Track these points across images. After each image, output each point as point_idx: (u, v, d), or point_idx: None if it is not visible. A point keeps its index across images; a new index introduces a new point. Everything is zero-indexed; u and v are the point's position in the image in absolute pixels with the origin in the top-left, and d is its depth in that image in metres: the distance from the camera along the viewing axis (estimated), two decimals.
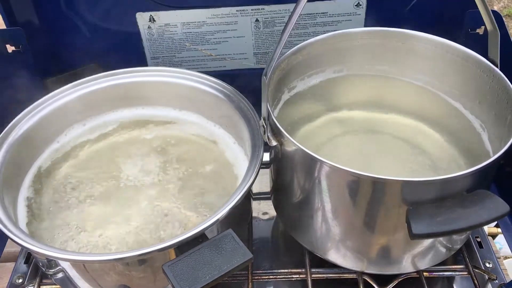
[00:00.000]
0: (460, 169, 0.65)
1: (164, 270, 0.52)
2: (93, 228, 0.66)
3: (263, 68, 0.58)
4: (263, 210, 0.82)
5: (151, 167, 0.74)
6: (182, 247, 0.55)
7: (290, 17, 0.55)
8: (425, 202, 0.53)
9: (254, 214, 0.80)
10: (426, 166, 0.66)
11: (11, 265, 0.76)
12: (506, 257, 1.18)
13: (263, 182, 0.81)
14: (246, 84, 0.76)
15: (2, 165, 0.66)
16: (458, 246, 0.66)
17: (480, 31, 0.79)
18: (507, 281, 0.69)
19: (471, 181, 0.53)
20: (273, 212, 0.81)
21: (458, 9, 0.79)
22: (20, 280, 0.72)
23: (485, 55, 0.65)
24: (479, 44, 0.67)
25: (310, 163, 0.57)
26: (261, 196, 0.83)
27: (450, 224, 0.50)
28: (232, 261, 0.53)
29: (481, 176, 0.54)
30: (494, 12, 0.63)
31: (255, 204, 0.82)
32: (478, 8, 0.61)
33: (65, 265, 0.60)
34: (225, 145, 0.76)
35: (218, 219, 0.57)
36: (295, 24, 0.55)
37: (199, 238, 0.56)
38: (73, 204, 0.69)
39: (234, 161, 0.74)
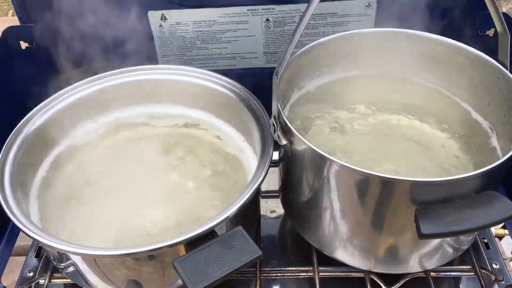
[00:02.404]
0: (468, 170, 0.65)
1: (175, 266, 0.53)
2: (104, 223, 0.67)
3: (273, 67, 0.59)
4: (271, 208, 0.83)
5: (161, 163, 0.75)
6: (192, 243, 0.55)
7: (302, 17, 0.55)
8: (434, 202, 0.53)
9: (262, 212, 0.80)
10: (434, 167, 0.66)
11: (21, 259, 0.77)
12: None
13: (271, 181, 0.81)
14: (255, 83, 0.76)
15: (15, 159, 0.67)
16: (466, 247, 0.67)
17: (490, 33, 0.79)
18: None
19: (480, 182, 0.54)
20: (280, 210, 0.81)
21: (468, 11, 0.79)
22: (31, 274, 0.73)
23: (495, 57, 0.65)
24: (489, 46, 0.67)
25: (320, 162, 0.58)
26: (268, 194, 0.83)
27: (458, 224, 0.50)
28: (241, 258, 0.53)
29: (490, 178, 0.54)
30: (504, 14, 0.64)
31: (262, 202, 0.83)
32: (488, 10, 0.61)
33: (76, 259, 0.61)
34: (234, 143, 0.77)
35: (228, 216, 0.57)
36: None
37: (209, 235, 0.56)
38: (85, 199, 0.70)
39: (243, 159, 0.75)
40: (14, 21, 0.82)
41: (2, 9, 2.44)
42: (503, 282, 0.70)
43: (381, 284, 0.67)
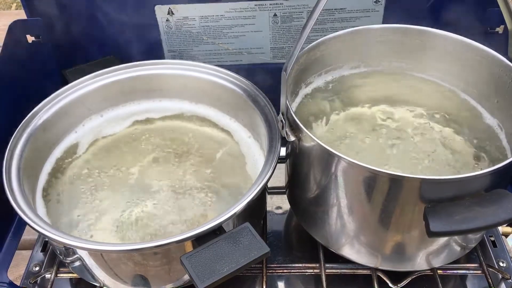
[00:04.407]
0: (476, 167, 0.65)
1: (182, 262, 0.53)
2: (109, 217, 0.67)
3: (280, 63, 0.59)
4: (276, 204, 0.83)
5: (166, 158, 0.75)
6: (200, 239, 0.55)
7: (312, 12, 0.55)
8: (443, 200, 0.53)
9: (267, 208, 0.80)
10: (442, 164, 0.66)
11: (27, 253, 0.77)
12: None
13: (276, 177, 0.81)
14: (262, 79, 0.76)
15: (22, 154, 0.66)
16: (473, 245, 0.66)
17: (500, 29, 0.79)
18: None
19: (490, 181, 0.53)
20: (286, 206, 0.81)
21: (477, 7, 0.79)
22: (37, 268, 0.73)
23: (504, 54, 0.64)
24: (499, 43, 0.67)
25: (328, 159, 0.58)
26: (274, 191, 0.83)
27: (468, 223, 0.50)
28: (249, 254, 0.53)
29: (500, 176, 0.54)
30: None
31: (268, 198, 0.82)
32: (498, 7, 0.61)
33: (83, 254, 0.61)
34: (240, 139, 0.77)
35: (235, 213, 0.57)
36: None
37: (217, 231, 0.56)
38: (91, 194, 0.70)
39: (249, 155, 0.75)
40: (18, 14, 0.82)
41: (6, 2, 2.44)
42: (510, 280, 0.69)
43: (388, 282, 0.67)
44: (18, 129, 0.69)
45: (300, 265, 0.71)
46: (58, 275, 0.71)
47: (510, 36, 0.62)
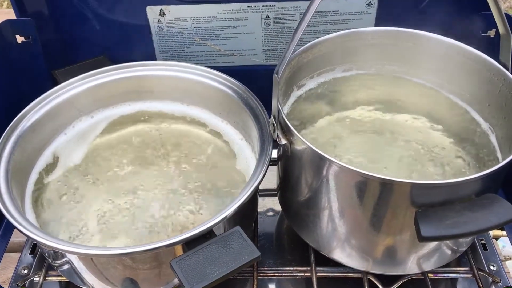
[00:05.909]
0: (467, 172, 0.65)
1: (172, 266, 0.52)
2: (99, 219, 0.67)
3: (272, 65, 0.58)
4: (268, 206, 0.82)
5: (158, 160, 0.74)
6: (190, 243, 0.55)
7: (304, 15, 0.55)
8: (434, 205, 0.53)
9: (259, 210, 0.80)
10: (433, 168, 0.66)
11: (16, 255, 0.76)
12: (506, 258, 1.19)
13: (268, 179, 0.81)
14: (254, 81, 0.76)
15: (10, 156, 0.66)
16: (464, 249, 0.67)
17: (492, 33, 0.79)
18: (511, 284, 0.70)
19: (481, 185, 0.53)
20: (277, 209, 0.81)
21: (469, 11, 0.79)
22: (26, 271, 0.72)
23: (496, 58, 0.64)
24: (490, 47, 0.67)
25: (319, 162, 0.57)
26: (266, 193, 0.83)
27: (459, 227, 0.50)
28: (240, 258, 0.53)
29: (491, 180, 0.54)
30: (506, 15, 0.63)
31: (259, 200, 0.82)
32: (490, 10, 0.61)
33: (72, 257, 0.60)
34: (232, 141, 0.76)
35: (226, 216, 0.57)
36: None
37: (207, 235, 0.56)
38: (81, 195, 0.70)
39: (240, 157, 0.74)
40: (9, 13, 0.81)
41: None
42: (501, 284, 0.70)
43: (379, 285, 0.67)
44: (6, 130, 0.68)
45: (291, 268, 0.71)
46: (47, 278, 0.70)
47: (502, 40, 0.62)
